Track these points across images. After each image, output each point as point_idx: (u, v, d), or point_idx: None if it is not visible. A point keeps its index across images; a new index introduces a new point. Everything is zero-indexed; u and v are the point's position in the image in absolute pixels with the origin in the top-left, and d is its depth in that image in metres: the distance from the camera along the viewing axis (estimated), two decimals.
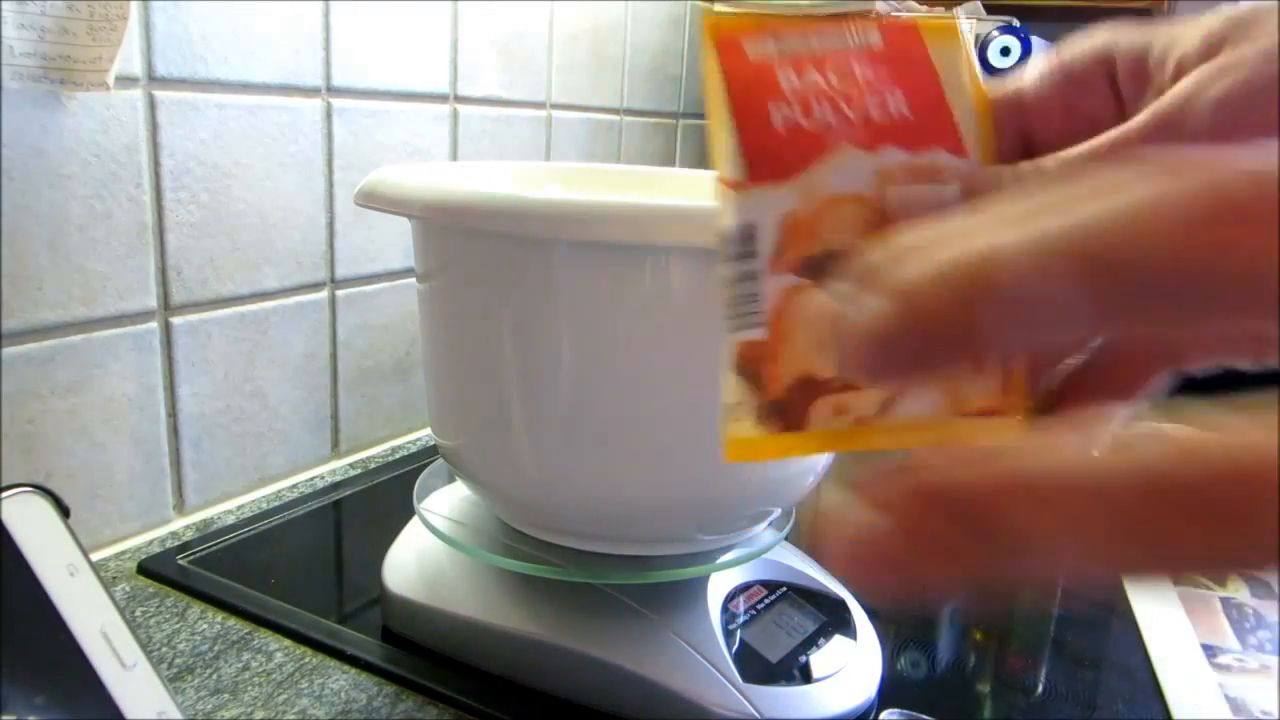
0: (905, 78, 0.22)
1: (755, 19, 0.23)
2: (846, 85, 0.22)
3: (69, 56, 0.48)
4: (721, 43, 0.22)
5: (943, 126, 0.22)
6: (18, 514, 0.29)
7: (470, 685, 0.45)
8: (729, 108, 0.22)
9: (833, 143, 0.21)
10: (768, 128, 0.21)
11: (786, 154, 0.21)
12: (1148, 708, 0.47)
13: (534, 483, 0.43)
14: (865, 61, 0.22)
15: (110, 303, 0.55)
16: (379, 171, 0.42)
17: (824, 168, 0.21)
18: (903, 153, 0.22)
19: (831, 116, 0.22)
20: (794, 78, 0.22)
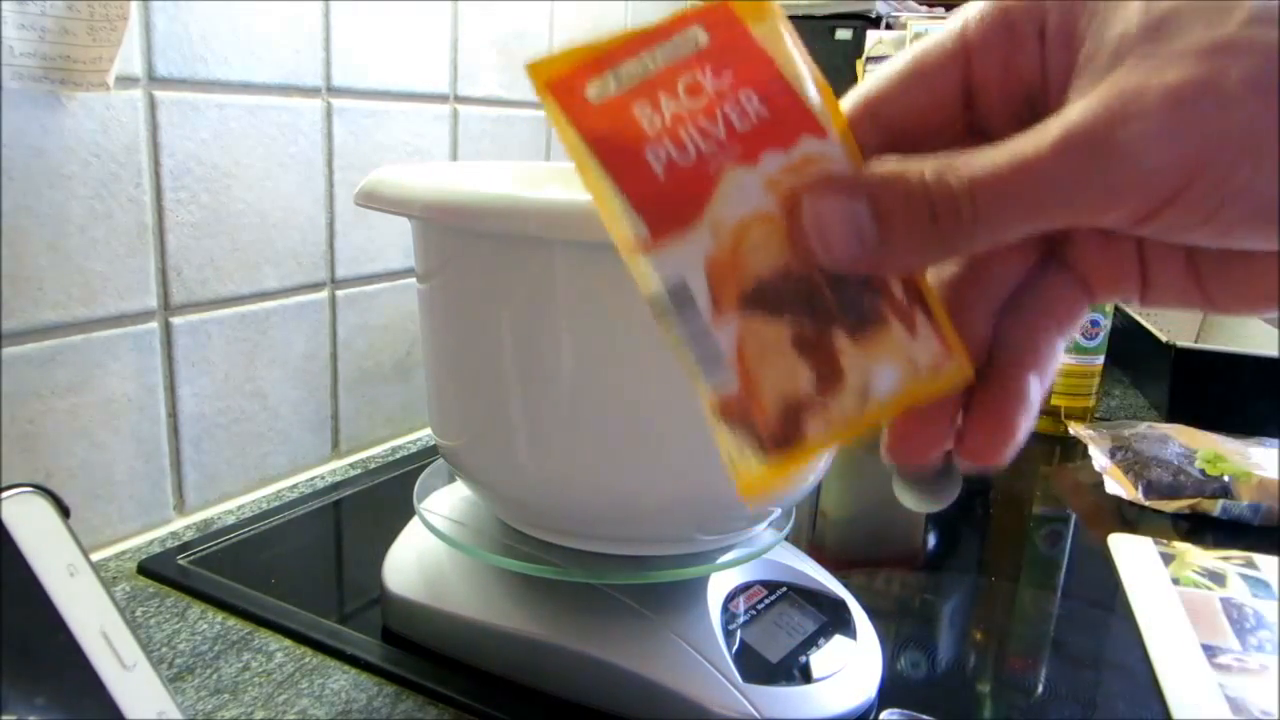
0: (746, 72, 0.22)
1: (581, 55, 0.22)
2: (701, 101, 0.22)
3: (69, 56, 0.48)
4: (559, 95, 0.22)
5: (798, 112, 0.22)
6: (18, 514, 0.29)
7: (470, 685, 0.45)
8: (602, 167, 0.21)
9: (716, 171, 0.21)
10: (650, 177, 0.21)
11: (679, 198, 0.21)
12: (1148, 708, 0.47)
13: (534, 483, 0.43)
14: (705, 67, 0.22)
15: (110, 303, 0.55)
16: (379, 171, 0.42)
17: (719, 200, 0.21)
18: (779, 154, 0.22)
19: (703, 143, 0.22)
20: (652, 113, 0.22)
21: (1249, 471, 0.71)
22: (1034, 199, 0.20)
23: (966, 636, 0.53)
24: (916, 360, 0.22)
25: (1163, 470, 0.73)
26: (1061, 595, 0.59)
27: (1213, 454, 0.74)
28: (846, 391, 0.22)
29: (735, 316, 0.21)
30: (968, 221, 0.20)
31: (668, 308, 0.21)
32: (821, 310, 0.22)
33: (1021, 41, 0.22)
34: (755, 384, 0.22)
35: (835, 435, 0.22)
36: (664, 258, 0.21)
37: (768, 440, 0.22)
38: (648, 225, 0.21)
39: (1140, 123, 0.19)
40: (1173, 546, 0.64)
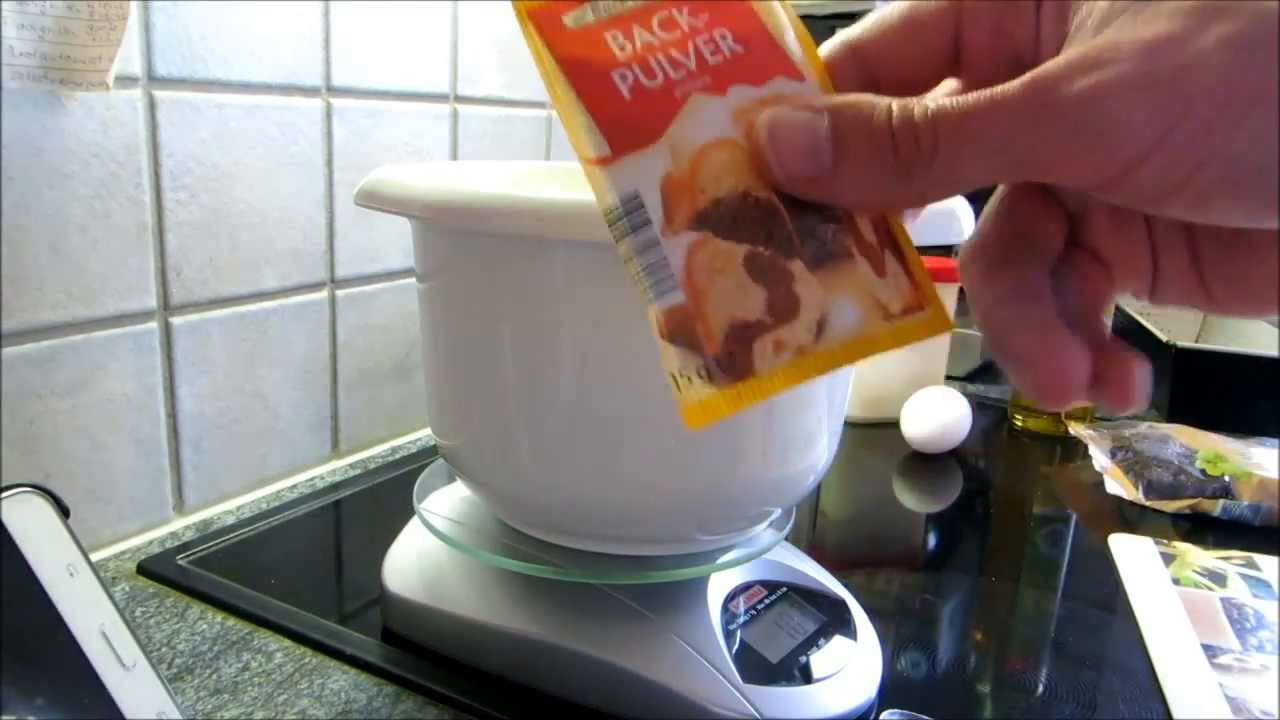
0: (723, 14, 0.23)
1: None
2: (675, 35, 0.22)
3: (69, 56, 0.48)
4: (538, 20, 0.23)
5: (774, 54, 0.23)
6: (18, 514, 0.29)
7: (470, 685, 0.45)
8: (570, 87, 0.22)
9: (682, 96, 0.22)
10: (616, 98, 0.22)
11: (642, 119, 0.22)
12: (1148, 708, 0.47)
13: (534, 483, 0.43)
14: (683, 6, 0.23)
15: (110, 303, 0.55)
16: (379, 171, 0.42)
17: (682, 122, 0.22)
18: (749, 88, 0.22)
19: (672, 70, 0.22)
20: (624, 40, 0.22)
21: (1249, 471, 0.71)
22: (996, 141, 0.19)
23: (966, 636, 0.53)
24: (883, 301, 0.22)
25: (1163, 470, 0.72)
26: (1061, 595, 0.59)
27: (1213, 454, 0.74)
28: (800, 321, 0.21)
29: (687, 232, 0.21)
30: (926, 155, 0.20)
31: (620, 218, 0.22)
32: (780, 237, 0.22)
33: (1016, 5, 0.22)
34: (701, 301, 0.21)
35: (789, 369, 0.21)
36: (620, 171, 0.21)
37: (713, 362, 0.21)
38: (608, 142, 0.22)
39: (1108, 70, 0.18)
40: (1173, 546, 0.64)
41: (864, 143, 0.21)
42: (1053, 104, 0.19)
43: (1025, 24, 0.22)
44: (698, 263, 0.21)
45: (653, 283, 0.22)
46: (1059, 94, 0.19)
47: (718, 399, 0.21)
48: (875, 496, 0.74)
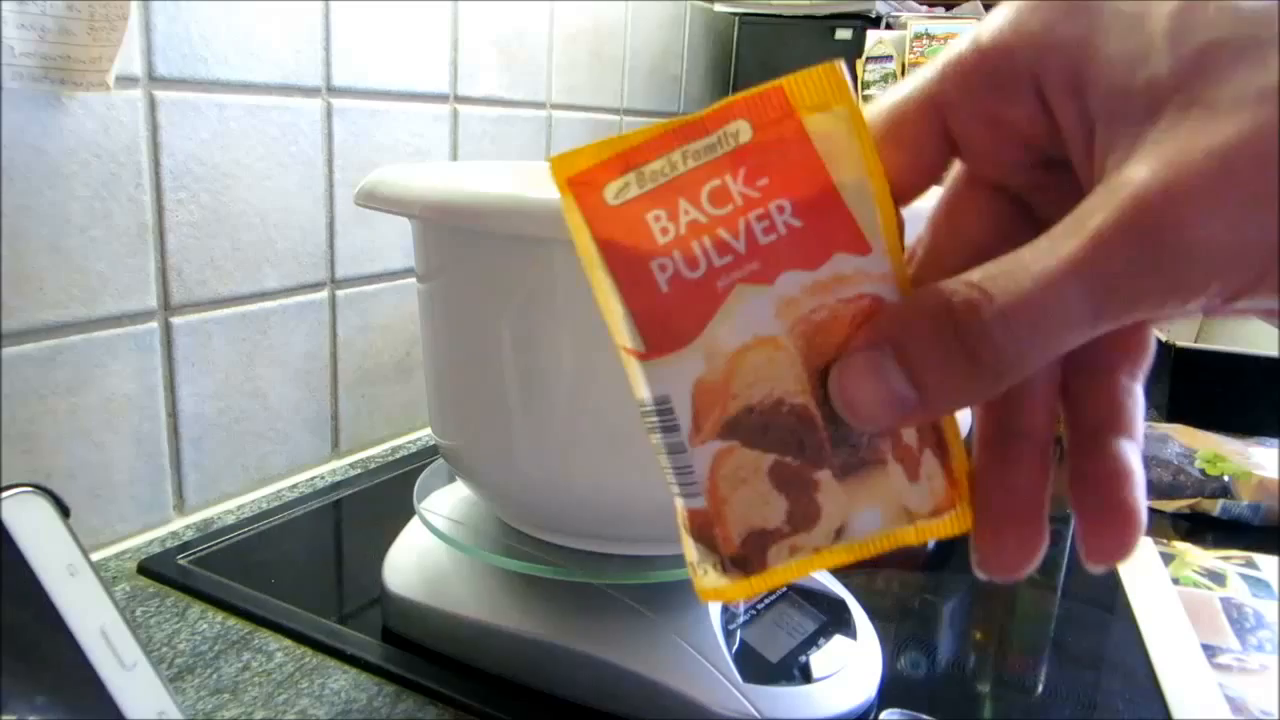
0: (786, 175, 0.20)
1: (606, 151, 0.20)
2: (725, 210, 0.20)
3: (69, 56, 0.48)
4: (578, 193, 0.20)
5: (837, 223, 0.20)
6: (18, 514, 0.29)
7: (470, 685, 0.45)
8: (608, 273, 0.20)
9: (725, 288, 0.20)
10: (654, 291, 0.20)
11: (680, 316, 0.20)
12: (1148, 708, 0.47)
13: (534, 483, 0.43)
14: (740, 170, 0.20)
15: (110, 303, 0.55)
16: (379, 171, 0.42)
17: (722, 320, 0.20)
18: (801, 273, 0.20)
19: (717, 257, 0.20)
20: (667, 221, 0.20)
21: (1249, 471, 0.71)
22: (1080, 315, 0.17)
23: (966, 636, 0.53)
24: (909, 506, 0.21)
25: (1163, 470, 0.72)
26: (1061, 595, 0.59)
27: (1213, 454, 0.74)
28: (819, 530, 0.21)
29: (714, 441, 0.21)
30: (1010, 356, 0.17)
31: (652, 414, 0.21)
32: (811, 446, 0.21)
33: (1010, 94, 0.19)
34: (722, 509, 0.21)
35: (801, 567, 0.22)
36: (655, 372, 0.21)
37: (727, 561, 0.21)
38: (644, 340, 0.20)
39: (1189, 201, 0.16)
40: (1173, 546, 0.64)
41: (939, 366, 0.18)
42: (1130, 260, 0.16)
43: (1029, 113, 0.20)
44: (722, 473, 0.21)
45: (679, 483, 0.21)
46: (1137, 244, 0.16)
47: (731, 589, 0.21)
48: None
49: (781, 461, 0.21)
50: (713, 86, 1.22)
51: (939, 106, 0.20)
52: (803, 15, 1.16)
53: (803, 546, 0.21)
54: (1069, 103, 0.19)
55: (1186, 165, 0.16)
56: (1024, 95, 0.19)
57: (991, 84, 0.20)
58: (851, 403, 0.20)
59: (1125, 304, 0.17)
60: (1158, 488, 0.72)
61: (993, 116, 0.20)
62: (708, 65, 1.20)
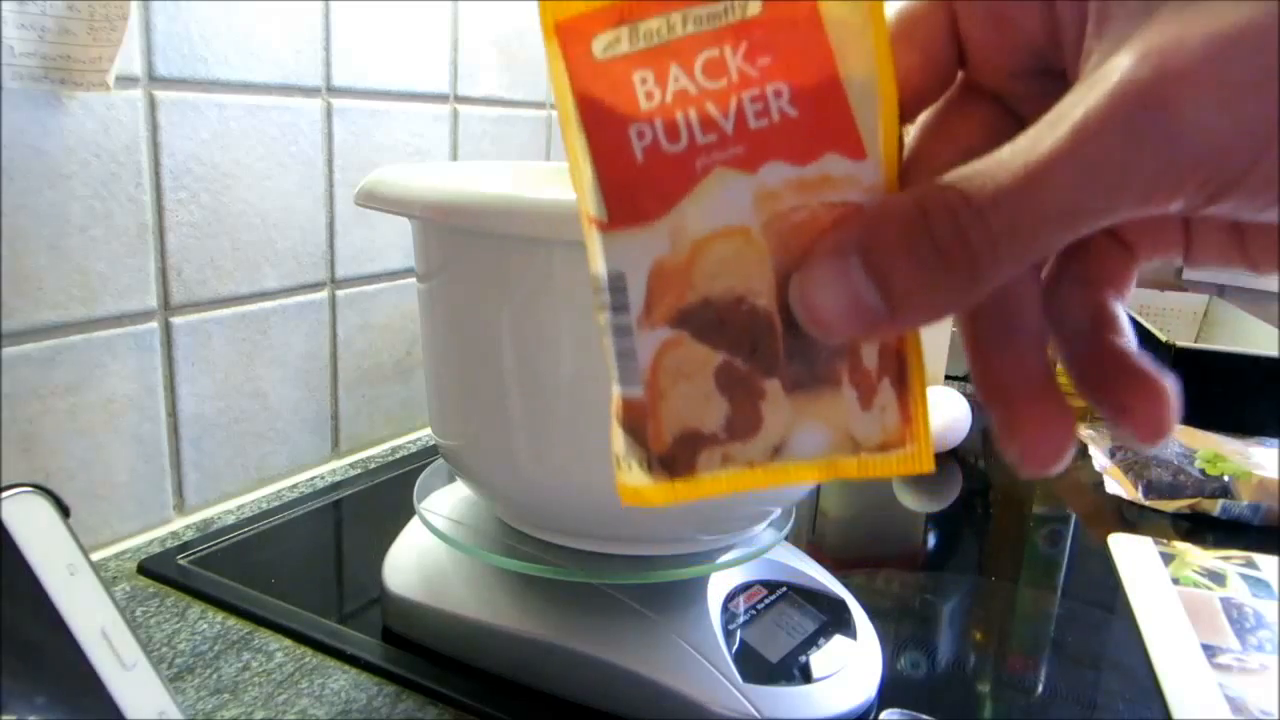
0: (790, 59, 0.19)
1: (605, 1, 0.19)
2: (718, 84, 0.19)
3: (69, 56, 0.48)
4: (564, 39, 0.19)
5: (836, 121, 0.19)
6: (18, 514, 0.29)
7: (470, 685, 0.45)
8: (583, 132, 0.19)
9: (704, 168, 0.19)
10: (628, 160, 0.19)
11: (650, 189, 0.19)
12: (1148, 708, 0.47)
13: (534, 483, 0.43)
14: (741, 44, 0.19)
15: (110, 303, 0.55)
16: (379, 171, 0.42)
17: (694, 201, 0.19)
18: (788, 166, 0.19)
19: (700, 133, 0.19)
20: (654, 85, 0.19)
21: (1249, 471, 0.71)
22: (1060, 210, 0.16)
23: (966, 636, 0.53)
24: (856, 434, 0.20)
25: (1163, 470, 0.73)
26: (1061, 595, 0.59)
27: (1213, 454, 0.74)
28: (756, 442, 0.20)
29: (664, 328, 0.19)
30: (987, 258, 0.17)
31: (602, 291, 0.20)
32: (765, 352, 0.19)
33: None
34: (659, 403, 0.20)
35: (731, 481, 0.20)
36: (614, 245, 0.19)
37: (655, 459, 0.20)
38: (608, 208, 0.19)
39: (1180, 87, 0.15)
40: (1173, 546, 0.64)
41: (909, 271, 0.17)
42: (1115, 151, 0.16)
43: (1029, 14, 0.19)
44: (665, 364, 0.20)
45: (618, 367, 0.20)
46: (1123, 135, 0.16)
47: (652, 490, 0.20)
48: (875, 496, 0.74)
49: (730, 363, 0.20)
50: None
51: (950, 6, 0.20)
52: None
53: (736, 457, 0.20)
54: (1069, 6, 0.18)
55: (1181, 49, 0.15)
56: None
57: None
58: (812, 309, 0.19)
59: (1108, 196, 0.16)
60: (1157, 488, 0.72)
61: (1000, 15, 0.20)
62: None
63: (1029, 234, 0.16)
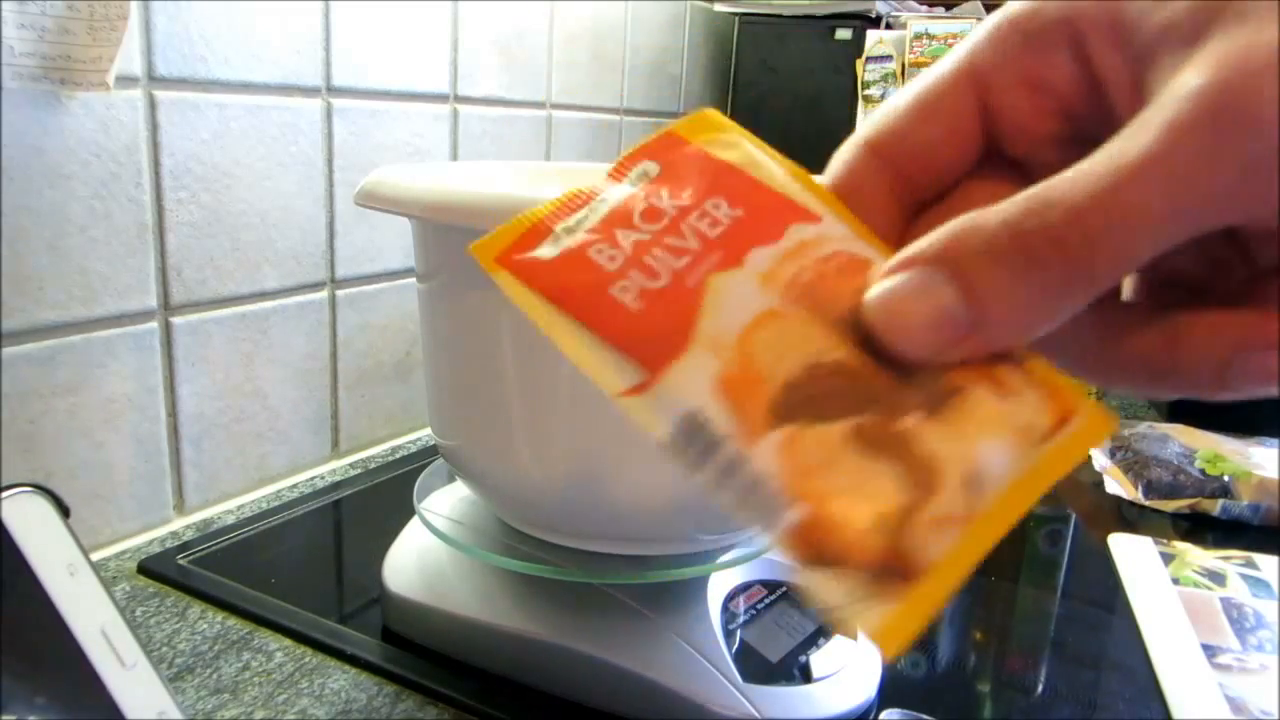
0: (707, 183, 0.20)
1: (523, 224, 0.20)
2: (663, 223, 0.19)
3: (69, 56, 0.48)
4: (508, 263, 0.19)
5: (776, 203, 0.19)
6: (18, 514, 0.29)
7: (470, 685, 0.45)
8: (571, 319, 0.18)
9: (698, 283, 0.18)
10: (625, 314, 0.18)
11: (664, 324, 0.18)
12: (1148, 708, 0.47)
13: (534, 483, 0.43)
14: (661, 190, 0.20)
15: (110, 303, 0.55)
16: (379, 171, 0.42)
17: (710, 312, 0.18)
18: (765, 247, 0.19)
19: (674, 260, 0.19)
20: (610, 250, 0.19)
21: (1249, 471, 0.71)
22: (1160, 202, 0.16)
23: (966, 636, 0.53)
24: (1024, 426, 0.18)
25: (1163, 470, 0.72)
26: (1061, 595, 0.59)
27: (1213, 454, 0.74)
28: (948, 483, 0.17)
29: (772, 432, 0.17)
30: (1082, 262, 0.16)
31: (683, 447, 0.18)
32: (878, 396, 0.18)
33: (1048, 54, 0.19)
34: (826, 505, 0.17)
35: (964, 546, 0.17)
36: (667, 391, 0.18)
37: (881, 573, 0.16)
38: (637, 362, 0.18)
39: (1261, 82, 0.15)
40: (1173, 546, 0.64)
41: (1000, 281, 0.17)
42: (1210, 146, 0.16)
43: (1065, 71, 0.19)
44: (800, 463, 0.17)
45: (756, 509, 0.17)
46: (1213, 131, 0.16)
47: (903, 615, 0.16)
48: None
49: (858, 425, 0.17)
50: (713, 86, 1.22)
51: (976, 75, 0.20)
52: (803, 15, 1.16)
53: (947, 515, 0.17)
54: (1111, 52, 0.18)
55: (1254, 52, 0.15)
56: (1061, 54, 0.19)
57: (1029, 46, 0.19)
58: (899, 326, 0.17)
59: (1204, 199, 0.16)
60: (1157, 488, 0.72)
61: (1031, 79, 0.19)
62: (708, 65, 1.20)
63: (1127, 234, 0.16)
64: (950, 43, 1.09)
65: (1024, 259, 0.16)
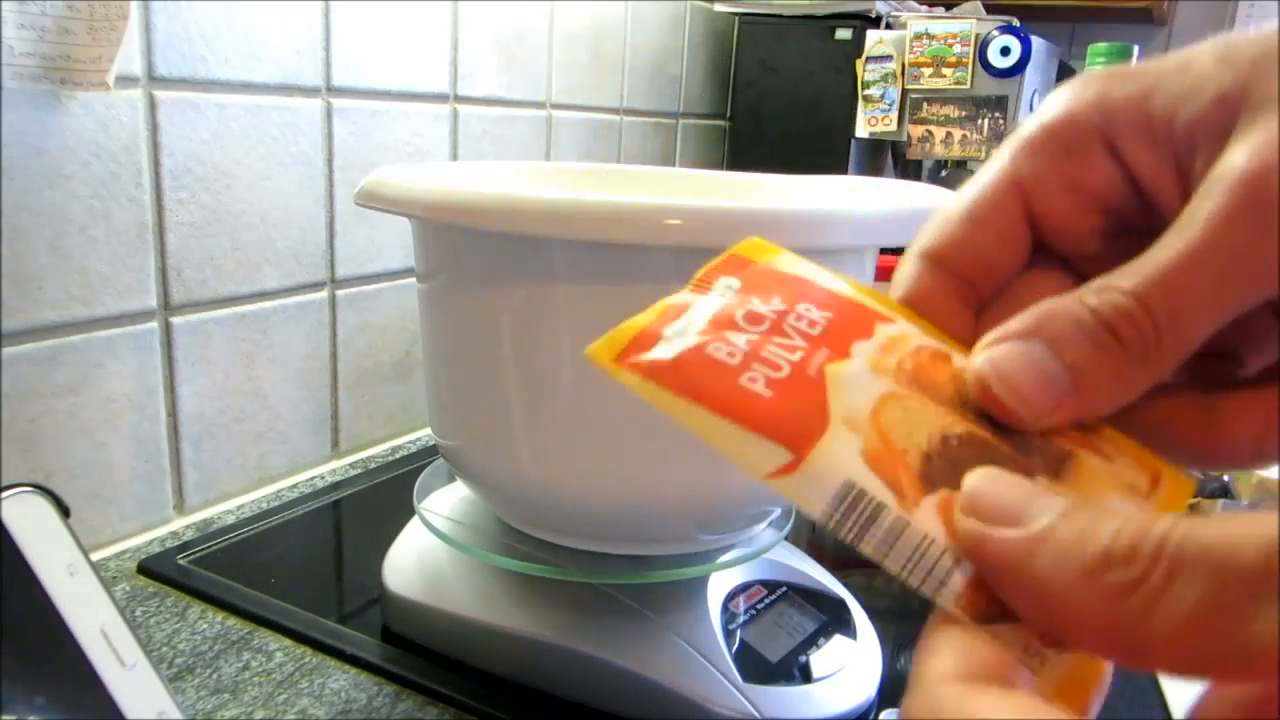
0: (792, 293, 0.21)
1: (632, 329, 0.20)
2: (765, 325, 0.21)
3: (69, 56, 0.49)
4: (631, 366, 0.20)
5: (857, 308, 0.21)
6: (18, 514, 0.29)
7: (470, 685, 0.45)
8: (711, 413, 0.19)
9: (818, 372, 0.20)
10: (760, 401, 0.19)
11: (799, 408, 0.19)
12: (1148, 708, 0.47)
13: (534, 483, 0.43)
14: (752, 298, 0.21)
15: (110, 303, 0.55)
16: (379, 171, 0.42)
17: (836, 396, 0.20)
18: (863, 341, 0.21)
19: (789, 354, 0.20)
20: (726, 348, 0.20)
21: (1249, 471, 0.71)
22: (1210, 284, 0.18)
23: None
24: (1129, 481, 0.20)
25: None
26: None
27: None
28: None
29: (926, 498, 0.19)
30: (1150, 331, 0.18)
31: (842, 517, 0.19)
32: (1006, 461, 0.19)
33: (1084, 157, 0.21)
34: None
35: None
36: (815, 470, 0.19)
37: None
38: (784, 444, 0.19)
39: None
40: None
41: (1090, 351, 0.19)
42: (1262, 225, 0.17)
43: (1105, 172, 0.21)
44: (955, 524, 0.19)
45: (926, 570, 0.18)
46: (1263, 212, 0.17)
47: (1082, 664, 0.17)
48: None
49: None
50: (713, 86, 1.22)
51: (1019, 184, 0.21)
52: (803, 15, 1.16)
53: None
54: (1144, 150, 0.20)
55: (1270, 147, 0.17)
56: (1098, 157, 0.21)
57: (1066, 152, 0.21)
58: (1011, 387, 0.19)
59: (1251, 279, 0.18)
60: None
61: (1072, 183, 0.21)
62: (708, 65, 1.20)
63: (1188, 315, 0.18)
64: (950, 43, 1.09)
65: (1106, 335, 0.19)
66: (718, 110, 1.24)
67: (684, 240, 0.35)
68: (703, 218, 0.35)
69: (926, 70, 1.10)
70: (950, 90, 1.10)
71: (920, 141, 1.13)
